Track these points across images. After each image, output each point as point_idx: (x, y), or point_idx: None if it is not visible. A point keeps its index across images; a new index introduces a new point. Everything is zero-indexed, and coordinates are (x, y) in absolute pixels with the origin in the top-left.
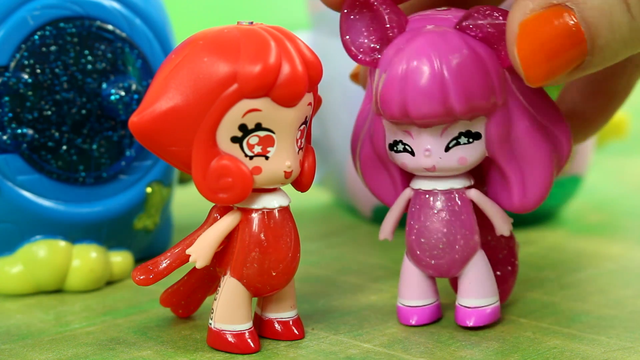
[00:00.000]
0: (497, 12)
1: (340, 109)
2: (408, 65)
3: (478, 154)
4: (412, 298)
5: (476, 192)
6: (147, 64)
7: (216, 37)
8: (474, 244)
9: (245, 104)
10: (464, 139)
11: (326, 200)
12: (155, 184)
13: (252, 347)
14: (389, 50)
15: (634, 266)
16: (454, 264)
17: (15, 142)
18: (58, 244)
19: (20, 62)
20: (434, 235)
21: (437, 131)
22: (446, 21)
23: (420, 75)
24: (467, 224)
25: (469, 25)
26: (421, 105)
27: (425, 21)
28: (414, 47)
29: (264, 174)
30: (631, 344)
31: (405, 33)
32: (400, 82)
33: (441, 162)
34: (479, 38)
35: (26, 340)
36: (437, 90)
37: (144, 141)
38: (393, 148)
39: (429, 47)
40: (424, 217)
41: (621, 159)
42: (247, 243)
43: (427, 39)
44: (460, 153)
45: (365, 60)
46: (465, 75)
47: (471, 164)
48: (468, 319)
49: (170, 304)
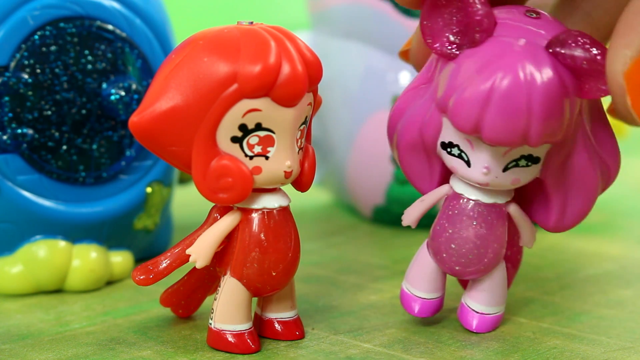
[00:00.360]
0: (595, 48)
1: (340, 109)
2: (494, 84)
3: (532, 176)
4: (420, 289)
5: (515, 208)
6: (147, 64)
7: (216, 37)
8: (501, 256)
9: (245, 103)
10: (524, 162)
11: (326, 200)
12: (156, 184)
13: (252, 347)
14: (473, 58)
15: (634, 266)
16: (477, 273)
17: (16, 142)
18: (58, 244)
19: (21, 62)
20: (466, 244)
21: (501, 151)
22: (538, 36)
23: (506, 99)
24: (500, 238)
25: (562, 52)
26: (499, 129)
27: (516, 31)
28: (502, 65)
29: (264, 174)
30: (631, 344)
31: (493, 41)
32: (483, 102)
33: (496, 181)
34: (568, 67)
35: (26, 340)
36: (520, 117)
37: (144, 141)
38: (447, 148)
39: (519, 70)
40: (460, 225)
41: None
42: (247, 243)
43: (518, 59)
44: (516, 175)
45: (442, 51)
46: (550, 105)
47: (522, 184)
48: (471, 321)
49: (171, 303)
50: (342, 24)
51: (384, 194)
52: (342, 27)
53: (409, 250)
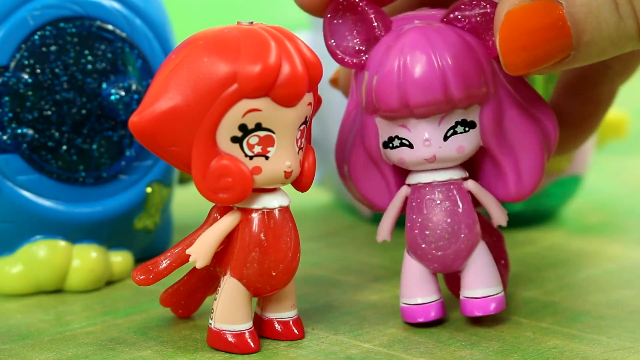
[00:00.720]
0: (484, 2)
1: (340, 109)
2: (404, 57)
3: (474, 142)
4: (415, 296)
5: (473, 183)
6: (147, 64)
7: (216, 37)
8: (477, 233)
9: (245, 103)
10: (460, 127)
11: (326, 200)
12: (155, 184)
13: (252, 347)
14: (377, 50)
15: (634, 266)
16: (459, 254)
17: (16, 142)
18: (58, 244)
19: (21, 62)
20: (438, 226)
21: (435, 121)
22: (432, 17)
23: (418, 65)
24: (468, 214)
25: (456, 16)
26: (422, 93)
27: (411, 19)
28: (406, 40)
29: (264, 174)
30: (631, 344)
31: (392, 32)
32: (398, 74)
33: (441, 152)
34: (466, 29)
35: (26, 340)
36: (436, 78)
37: (144, 141)
38: (388, 145)
39: (423, 39)
40: (427, 210)
41: (621, 159)
42: (247, 243)
43: (419, 32)
44: (458, 142)
45: (352, 62)
46: (461, 63)
47: (468, 153)
48: (477, 310)
49: (170, 303)
50: None
51: None
52: None
53: None
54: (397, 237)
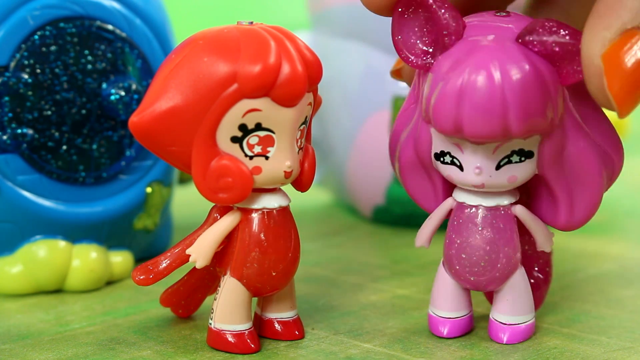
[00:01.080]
0: (563, 29)
1: (340, 109)
2: (467, 79)
3: (529, 172)
4: (445, 309)
5: (521, 209)
6: (147, 64)
7: (216, 37)
8: (516, 261)
9: (245, 103)
10: (516, 157)
11: (326, 200)
12: (155, 184)
13: (252, 347)
14: (445, 60)
15: (634, 266)
16: (493, 281)
17: (15, 142)
18: (58, 244)
19: (20, 62)
20: (476, 252)
21: (490, 149)
22: (507, 31)
23: (479, 92)
24: (510, 242)
25: (532, 40)
26: (478, 123)
27: (485, 30)
28: (473, 60)
29: (264, 174)
30: (631, 344)
31: (463, 42)
32: (457, 98)
33: (491, 180)
34: (541, 54)
35: (26, 340)
36: (496, 108)
37: (144, 141)
38: (440, 158)
39: (490, 62)
40: (467, 233)
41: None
42: (247, 243)
43: (488, 53)
44: (511, 171)
45: (418, 63)
46: (525, 93)
47: (520, 182)
48: (502, 334)
49: (170, 303)
50: (342, 24)
51: (384, 193)
52: (342, 27)
53: (409, 251)
54: (398, 237)
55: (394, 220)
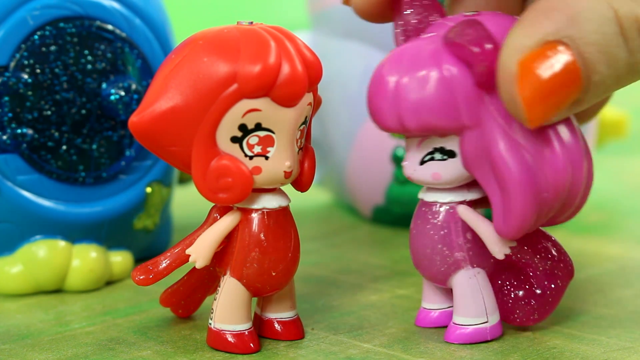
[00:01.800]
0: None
1: (340, 108)
2: (378, 73)
3: (456, 172)
4: (424, 300)
5: (464, 209)
6: (147, 64)
7: (216, 37)
8: (454, 261)
9: (245, 104)
10: (438, 155)
11: (326, 200)
12: (155, 184)
13: (251, 347)
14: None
15: (634, 266)
16: (436, 277)
17: (15, 142)
18: (58, 244)
19: (20, 62)
20: (419, 246)
21: (414, 143)
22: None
23: (381, 87)
24: (446, 240)
25: (451, 40)
26: (378, 116)
27: (437, 28)
28: (390, 55)
29: (263, 174)
30: (631, 344)
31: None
32: (370, 90)
33: (415, 174)
34: (456, 55)
35: (26, 340)
36: (389, 104)
37: (143, 141)
38: None
39: (400, 58)
40: (416, 229)
41: (621, 159)
42: (247, 243)
43: (401, 50)
44: (434, 169)
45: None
46: (421, 92)
47: (449, 181)
48: (447, 335)
49: (170, 303)
50: (341, 24)
51: (383, 194)
52: (341, 27)
53: (408, 250)
54: (397, 237)
55: (393, 220)
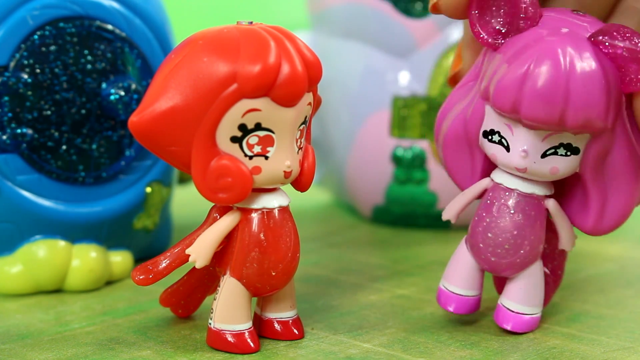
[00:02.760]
0: (637, 38)
1: (340, 108)
2: (533, 64)
3: (571, 167)
4: (457, 285)
5: (554, 203)
6: (147, 64)
7: (216, 37)
8: (537, 252)
9: (245, 103)
10: (562, 150)
11: (326, 200)
12: (155, 184)
13: (251, 347)
14: (516, 42)
15: (634, 266)
16: (512, 267)
17: (15, 141)
18: (58, 244)
19: (20, 62)
20: (502, 234)
21: (540, 136)
22: (581, 28)
23: (543, 77)
24: (537, 232)
25: (604, 41)
26: (536, 108)
27: (560, 23)
28: (544, 47)
29: (263, 174)
30: (631, 344)
31: (536, 29)
32: (521, 80)
33: (534, 167)
34: (609, 56)
35: (26, 340)
36: (557, 96)
37: (143, 141)
38: (488, 136)
39: (561, 53)
40: (498, 213)
41: None
42: (246, 243)
43: (559, 42)
44: (554, 162)
45: (488, 41)
46: (588, 88)
47: (561, 176)
48: (506, 323)
49: (170, 303)
50: (341, 24)
51: (383, 193)
52: (341, 27)
53: (408, 250)
54: (398, 237)
55: (393, 220)
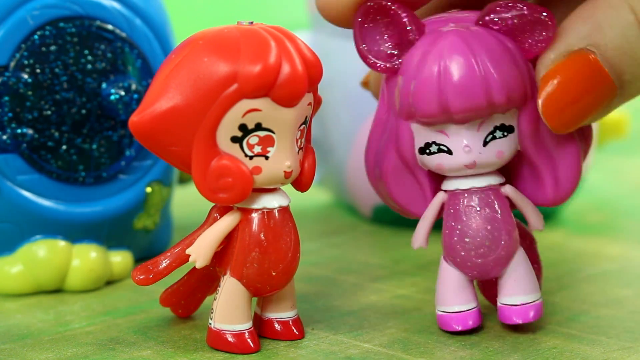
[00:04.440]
0: (520, 4)
1: (340, 108)
2: (444, 62)
3: (512, 147)
4: (453, 304)
5: (511, 188)
6: (147, 64)
7: (216, 37)
8: (516, 239)
9: (245, 103)
10: (499, 132)
11: (326, 200)
12: (155, 184)
13: (251, 347)
14: (413, 54)
15: (634, 266)
16: (499, 261)
17: (15, 141)
18: (58, 244)
19: (20, 62)
20: (479, 233)
21: (474, 126)
22: (466, 20)
23: (459, 70)
24: (508, 220)
25: (492, 19)
26: (464, 99)
27: (444, 22)
28: (444, 44)
29: (264, 174)
30: (631, 344)
31: (426, 35)
32: (438, 79)
33: (481, 157)
34: (502, 31)
35: (26, 340)
36: (478, 83)
37: (144, 141)
38: (425, 151)
39: (462, 43)
40: (466, 217)
41: (621, 159)
42: (247, 243)
43: (457, 36)
44: (497, 147)
45: (385, 67)
46: (501, 67)
47: (507, 158)
48: (516, 317)
49: (170, 303)
50: None
51: None
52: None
53: (409, 250)
54: (398, 236)
55: (393, 220)
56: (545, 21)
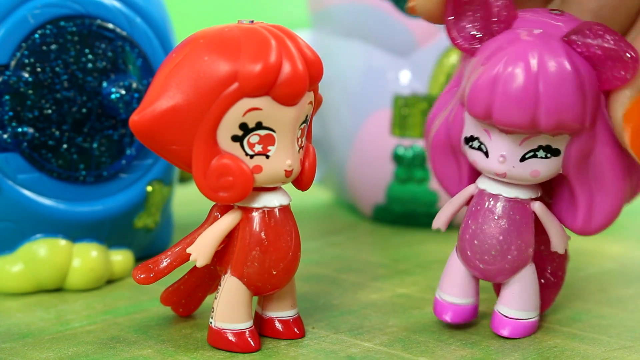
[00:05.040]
0: (610, 35)
1: (340, 107)
2: (504, 67)
3: (553, 169)
4: (451, 294)
5: (540, 206)
6: (148, 63)
7: (217, 36)
8: (527, 256)
9: (246, 102)
10: (542, 152)
11: (327, 199)
12: (156, 183)
13: (252, 346)
14: (489, 46)
15: (635, 265)
16: (502, 272)
17: (16, 140)
18: (58, 243)
19: (21, 61)
20: (488, 240)
21: (517, 139)
22: (555, 28)
23: (513, 80)
24: (524, 236)
25: (576, 40)
26: (508, 112)
27: (535, 24)
28: (516, 50)
29: (264, 173)
30: (632, 343)
31: (510, 31)
32: (492, 83)
33: (513, 171)
34: (584, 56)
35: (27, 339)
36: (527, 99)
37: (144, 140)
38: (469, 142)
39: (533, 55)
40: (482, 220)
41: None
42: (247, 242)
43: (530, 44)
44: (534, 166)
45: (464, 46)
46: (559, 89)
47: (543, 178)
48: (503, 328)
49: (171, 302)
50: (342, 22)
51: (384, 192)
52: (342, 26)
53: (409, 249)
54: (399, 235)
55: (394, 219)
56: (627, 62)
